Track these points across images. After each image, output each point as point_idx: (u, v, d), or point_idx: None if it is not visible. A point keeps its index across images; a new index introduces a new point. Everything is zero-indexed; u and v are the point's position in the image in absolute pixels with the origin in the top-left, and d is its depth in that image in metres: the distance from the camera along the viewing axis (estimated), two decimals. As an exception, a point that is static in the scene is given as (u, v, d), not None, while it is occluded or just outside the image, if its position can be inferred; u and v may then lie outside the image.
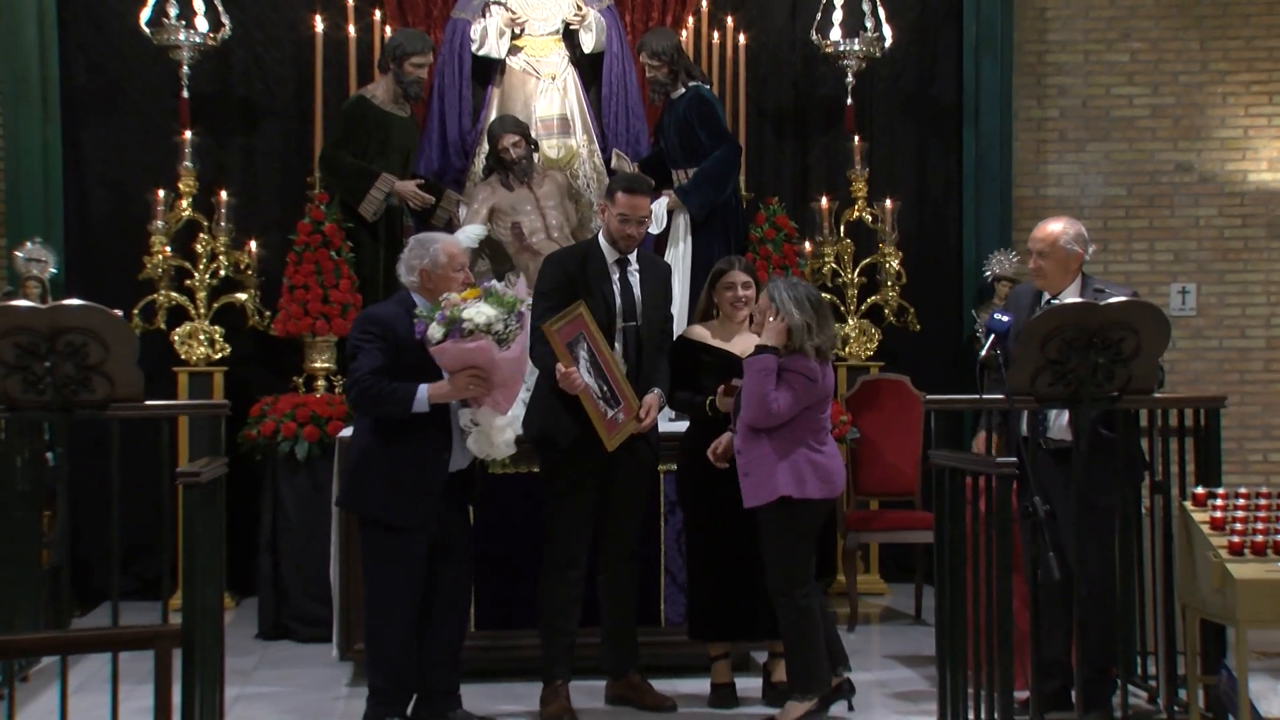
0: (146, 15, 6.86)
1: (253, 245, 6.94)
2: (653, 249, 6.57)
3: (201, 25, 6.89)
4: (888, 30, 7.35)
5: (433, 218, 6.80)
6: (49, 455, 5.69)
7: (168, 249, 6.79)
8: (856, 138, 7.35)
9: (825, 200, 7.31)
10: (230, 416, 4.85)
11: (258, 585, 6.46)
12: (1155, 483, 4.99)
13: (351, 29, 7.06)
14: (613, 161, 6.87)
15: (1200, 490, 4.66)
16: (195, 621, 4.11)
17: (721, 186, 6.80)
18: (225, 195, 6.88)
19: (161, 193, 6.79)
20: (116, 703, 3.95)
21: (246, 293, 6.93)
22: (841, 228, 7.37)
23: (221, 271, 6.87)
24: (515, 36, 6.96)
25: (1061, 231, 4.88)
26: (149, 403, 4.33)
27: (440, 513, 4.67)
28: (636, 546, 5.15)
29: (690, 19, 7.33)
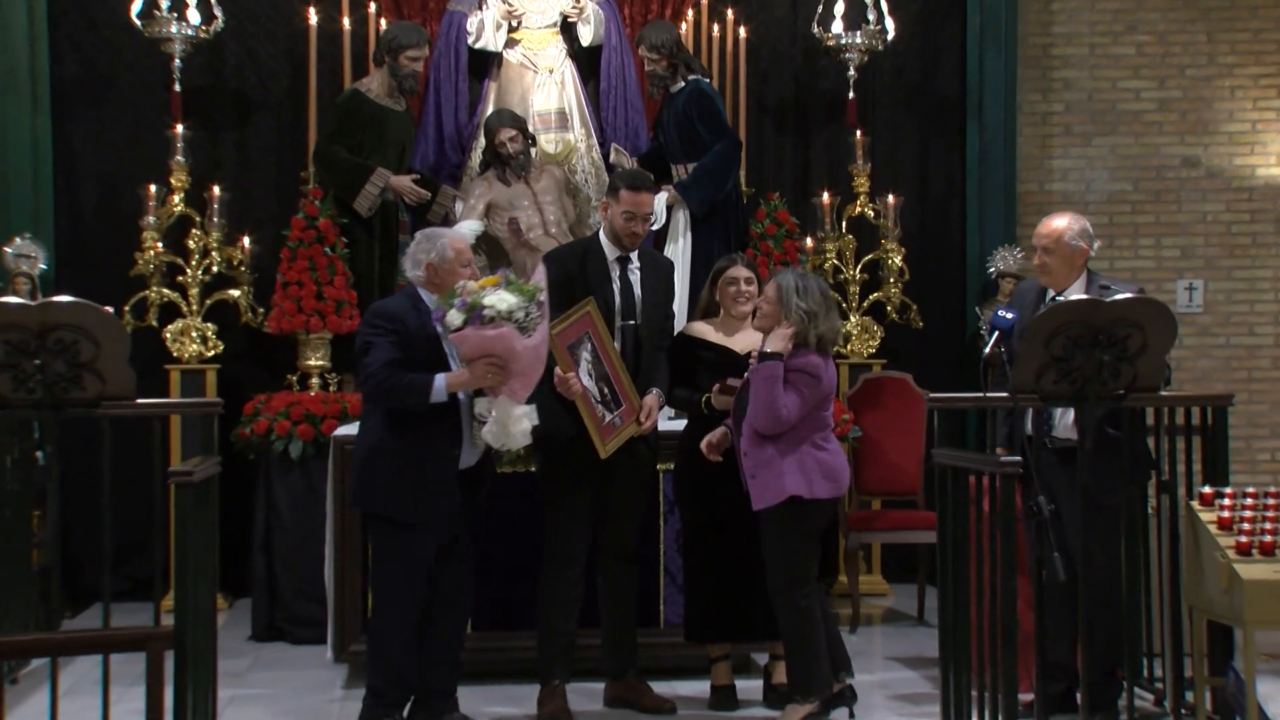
0: (138, 8, 6.84)
1: (246, 241, 6.91)
2: (652, 245, 6.55)
3: (193, 17, 6.85)
4: (890, 23, 7.32)
5: (429, 213, 6.78)
6: (39, 454, 5.61)
7: (159, 245, 6.78)
8: (858, 132, 7.32)
9: (827, 195, 7.29)
10: (223, 415, 4.82)
11: (251, 586, 6.43)
12: (1162, 482, 4.99)
13: (346, 21, 7.02)
14: (611, 156, 6.84)
15: (1207, 489, 4.64)
16: (188, 623, 4.10)
17: (722, 182, 6.77)
18: (218, 190, 6.86)
19: (153, 187, 6.76)
20: (108, 706, 3.94)
21: (239, 289, 6.91)
22: (843, 223, 7.35)
23: (214, 267, 6.84)
24: (512, 29, 6.94)
25: (1066, 227, 4.86)
26: (140, 401, 4.32)
27: (450, 512, 4.64)
28: (635, 547, 5.14)
29: (690, 11, 7.30)
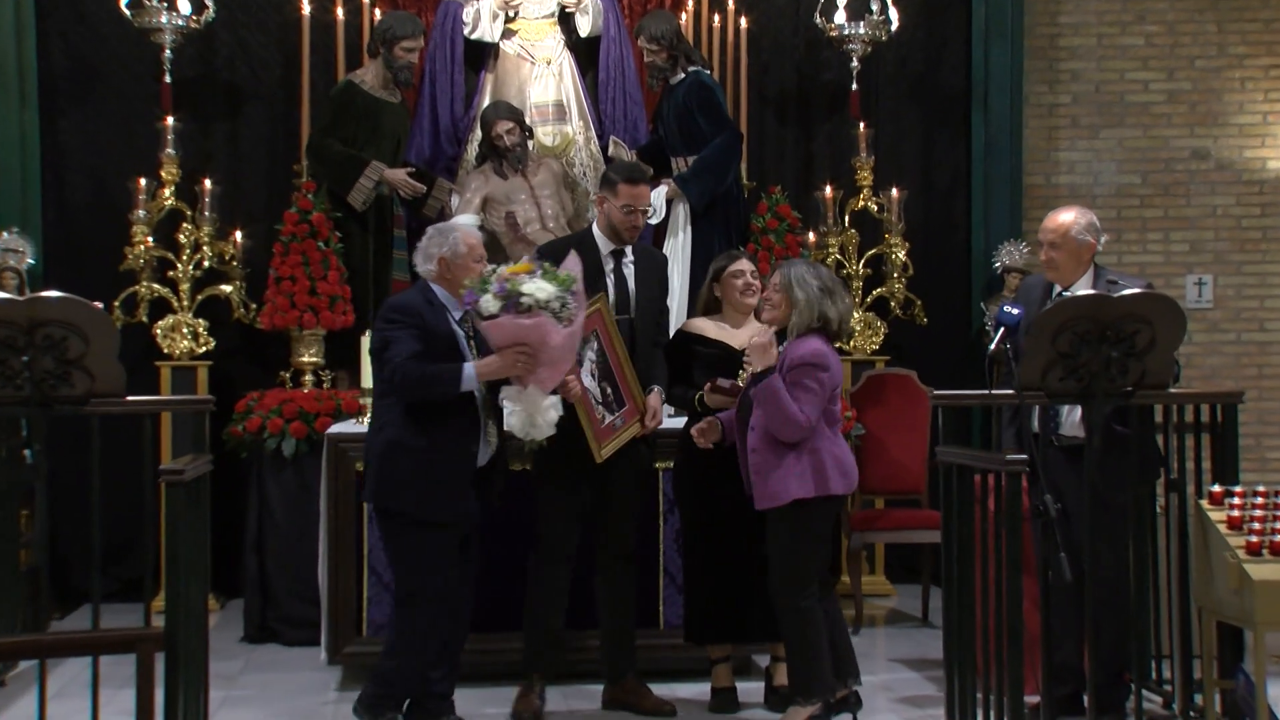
0: (127, -2, 6.84)
1: (238, 235, 6.90)
2: (651, 239, 6.54)
3: (184, 7, 6.83)
4: (894, 13, 7.31)
5: (424, 207, 6.77)
6: (26, 452, 5.58)
7: (150, 239, 6.75)
8: (862, 124, 7.31)
9: (829, 189, 7.28)
10: (215, 412, 4.79)
11: (243, 586, 6.40)
12: (1170, 480, 4.96)
13: (340, 11, 7.01)
14: (610, 149, 6.83)
15: (1217, 488, 4.64)
16: (179, 624, 4.08)
17: (722, 175, 6.74)
18: (209, 183, 6.83)
19: (143, 181, 6.74)
20: (97, 708, 3.94)
21: (231, 284, 6.89)
22: (846, 217, 7.34)
23: (205, 262, 6.82)
24: (509, 20, 6.92)
25: (1073, 221, 4.86)
26: (130, 398, 4.31)
27: (470, 510, 4.62)
28: (634, 547, 5.12)
29: (690, 2, 7.29)
